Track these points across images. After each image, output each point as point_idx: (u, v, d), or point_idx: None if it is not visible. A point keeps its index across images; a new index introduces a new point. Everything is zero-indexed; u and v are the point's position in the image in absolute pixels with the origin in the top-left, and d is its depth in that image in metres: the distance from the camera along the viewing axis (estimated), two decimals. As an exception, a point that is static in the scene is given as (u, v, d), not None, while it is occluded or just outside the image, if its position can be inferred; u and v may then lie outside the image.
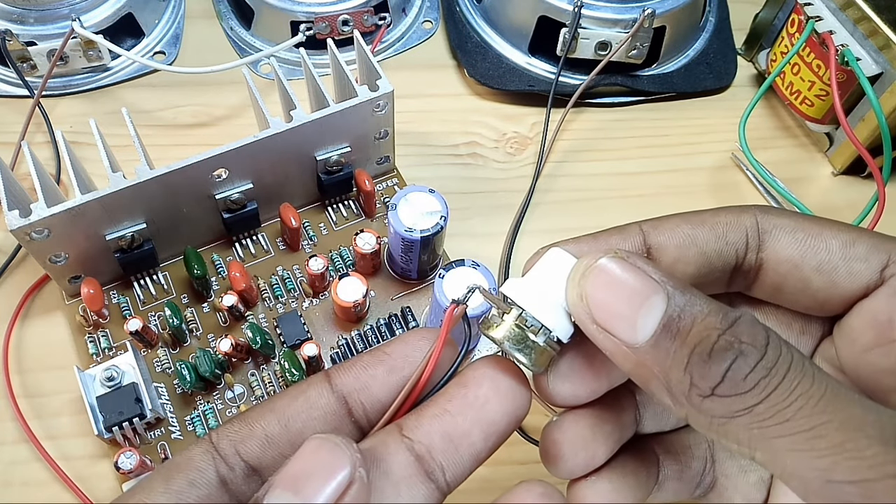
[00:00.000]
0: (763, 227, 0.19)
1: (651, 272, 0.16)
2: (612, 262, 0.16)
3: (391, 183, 0.38)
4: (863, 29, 0.36)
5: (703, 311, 0.15)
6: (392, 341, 0.18)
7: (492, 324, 0.18)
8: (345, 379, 0.17)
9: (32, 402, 0.31)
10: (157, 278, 0.34)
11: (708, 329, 0.15)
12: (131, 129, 0.31)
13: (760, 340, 0.15)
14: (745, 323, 0.15)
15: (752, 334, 0.15)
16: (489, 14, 0.44)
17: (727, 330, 0.15)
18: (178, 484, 0.16)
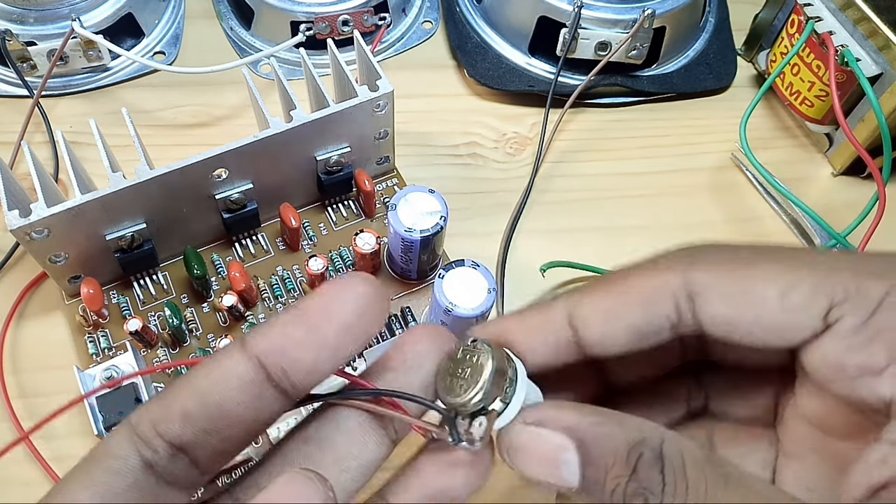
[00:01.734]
0: (691, 288, 0.18)
1: (560, 427, 0.18)
2: (525, 433, 0.18)
3: (391, 183, 0.38)
4: (862, 29, 0.36)
5: (611, 455, 0.17)
6: (310, 296, 0.17)
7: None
8: (260, 344, 0.16)
9: (32, 403, 0.31)
10: (157, 278, 0.34)
11: (617, 477, 0.17)
12: (131, 129, 0.31)
13: (657, 485, 0.16)
14: (645, 465, 0.16)
15: (650, 479, 0.16)
16: (489, 14, 0.44)
17: (631, 476, 0.16)
18: (100, 476, 0.15)
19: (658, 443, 0.17)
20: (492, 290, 0.29)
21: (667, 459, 0.16)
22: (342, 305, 0.16)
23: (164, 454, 0.15)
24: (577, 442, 0.17)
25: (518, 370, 0.19)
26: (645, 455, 0.16)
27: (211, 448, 0.16)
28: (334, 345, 0.16)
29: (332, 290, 0.16)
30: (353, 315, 0.16)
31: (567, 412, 0.18)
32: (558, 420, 0.18)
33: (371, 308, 0.16)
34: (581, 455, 0.17)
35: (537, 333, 0.19)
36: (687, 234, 0.38)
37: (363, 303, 0.16)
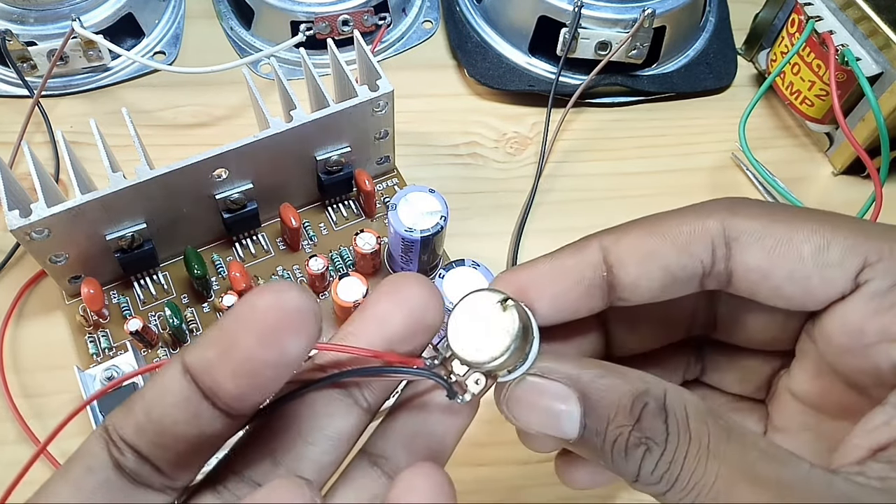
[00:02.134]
0: (730, 233, 0.18)
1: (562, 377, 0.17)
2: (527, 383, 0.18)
3: (391, 183, 0.38)
4: (863, 29, 0.36)
5: (614, 405, 0.17)
6: (230, 311, 0.15)
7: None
8: (192, 358, 0.15)
9: (32, 402, 0.31)
10: (157, 278, 0.34)
11: (619, 427, 0.16)
12: (131, 129, 0.31)
13: (660, 435, 0.16)
14: (649, 415, 0.16)
15: (654, 428, 0.16)
16: (489, 14, 0.44)
17: (634, 425, 0.16)
18: (76, 472, 0.16)
19: (661, 394, 0.17)
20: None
21: (670, 410, 0.16)
22: (246, 331, 0.14)
23: (131, 457, 0.15)
24: (578, 393, 0.17)
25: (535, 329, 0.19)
26: (649, 405, 0.16)
27: (166, 460, 0.15)
28: (247, 372, 0.14)
29: (242, 306, 0.15)
30: (256, 343, 0.14)
31: (568, 363, 0.18)
32: (559, 371, 0.18)
33: (284, 330, 0.14)
34: (583, 406, 0.17)
35: (570, 273, 0.19)
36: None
37: (270, 325, 0.14)
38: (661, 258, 0.18)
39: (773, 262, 0.18)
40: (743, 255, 0.18)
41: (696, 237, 0.18)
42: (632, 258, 0.19)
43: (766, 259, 0.18)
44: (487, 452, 0.31)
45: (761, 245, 0.18)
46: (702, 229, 0.18)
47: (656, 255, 0.18)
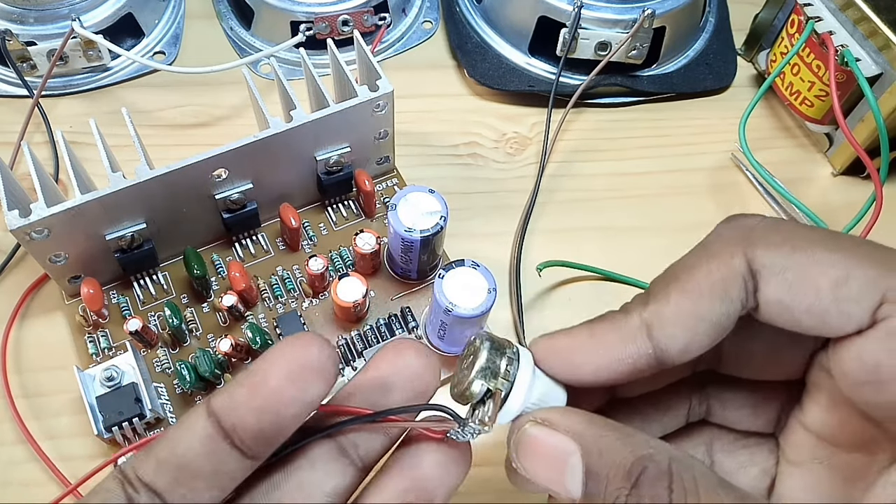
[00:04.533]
0: (754, 267, 0.18)
1: (565, 431, 0.18)
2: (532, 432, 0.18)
3: (391, 183, 0.38)
4: (862, 29, 0.36)
5: (613, 466, 0.17)
6: (261, 356, 0.17)
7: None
8: (217, 401, 0.17)
9: (32, 403, 0.31)
10: (156, 278, 0.34)
11: (617, 489, 0.17)
12: (131, 129, 0.31)
13: (662, 500, 0.16)
14: (648, 480, 0.16)
15: (654, 494, 0.16)
16: (489, 14, 0.44)
17: (631, 489, 0.16)
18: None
19: (665, 459, 0.16)
20: (492, 290, 0.29)
21: (676, 477, 0.16)
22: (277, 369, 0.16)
23: (145, 496, 0.16)
24: (582, 449, 0.17)
25: (521, 354, 0.19)
26: (649, 469, 0.16)
27: (180, 496, 0.16)
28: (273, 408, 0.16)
29: (273, 351, 0.17)
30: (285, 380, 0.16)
31: (576, 418, 0.18)
32: (567, 424, 0.18)
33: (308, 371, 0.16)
34: (584, 463, 0.17)
35: (614, 350, 0.19)
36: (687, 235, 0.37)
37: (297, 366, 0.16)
38: (707, 315, 0.18)
39: (793, 296, 0.18)
40: (765, 289, 0.18)
41: (731, 282, 0.18)
42: (678, 328, 0.18)
43: (786, 293, 0.18)
44: (487, 452, 0.31)
45: (782, 279, 0.18)
46: (733, 272, 0.18)
47: (702, 316, 0.18)
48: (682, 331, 0.18)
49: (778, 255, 0.18)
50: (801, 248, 0.18)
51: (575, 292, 0.35)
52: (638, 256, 0.36)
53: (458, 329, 0.30)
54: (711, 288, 0.18)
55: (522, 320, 0.34)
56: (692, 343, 0.18)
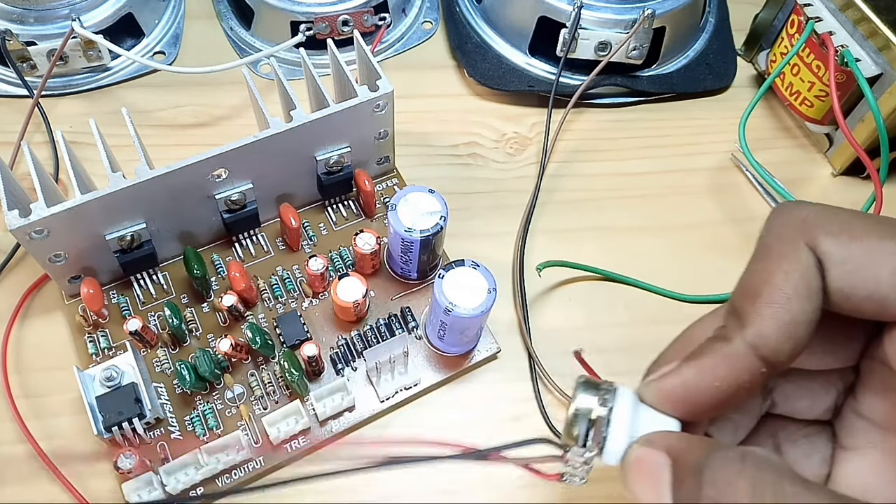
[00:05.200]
0: (820, 258, 0.19)
1: (661, 448, 0.19)
2: (635, 452, 0.19)
3: (391, 183, 0.38)
4: (862, 30, 0.36)
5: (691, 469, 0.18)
6: None
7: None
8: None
9: (32, 402, 0.31)
10: (156, 278, 0.34)
11: (690, 489, 0.17)
12: (131, 129, 0.31)
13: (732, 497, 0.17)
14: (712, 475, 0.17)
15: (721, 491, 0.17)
16: (489, 14, 0.44)
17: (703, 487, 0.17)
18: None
19: (740, 451, 0.17)
20: (492, 290, 0.29)
21: (749, 466, 0.17)
22: None
23: None
24: (671, 461, 0.18)
25: (619, 392, 0.20)
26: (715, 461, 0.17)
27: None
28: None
29: None
30: None
31: (673, 436, 0.19)
32: (663, 441, 0.19)
33: None
34: (672, 474, 0.18)
35: (730, 381, 0.19)
36: (687, 234, 0.38)
37: None
38: (802, 317, 0.19)
39: (854, 284, 0.19)
40: (828, 278, 0.19)
41: (809, 277, 0.19)
42: (783, 340, 0.19)
43: (847, 282, 0.19)
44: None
45: (843, 269, 0.19)
46: (806, 267, 0.19)
47: (799, 320, 0.19)
48: (786, 341, 0.19)
49: (837, 244, 0.19)
50: (858, 236, 0.19)
51: (575, 292, 0.35)
52: (638, 256, 0.36)
53: (458, 329, 0.30)
54: (795, 290, 0.19)
55: (528, 321, 0.34)
56: (797, 346, 0.19)
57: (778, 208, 0.21)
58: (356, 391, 0.31)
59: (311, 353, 0.30)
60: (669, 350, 0.24)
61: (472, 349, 0.32)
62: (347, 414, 0.31)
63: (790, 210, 0.20)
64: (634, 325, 0.34)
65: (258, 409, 0.31)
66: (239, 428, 0.30)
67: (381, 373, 0.31)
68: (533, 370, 0.33)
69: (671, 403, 0.20)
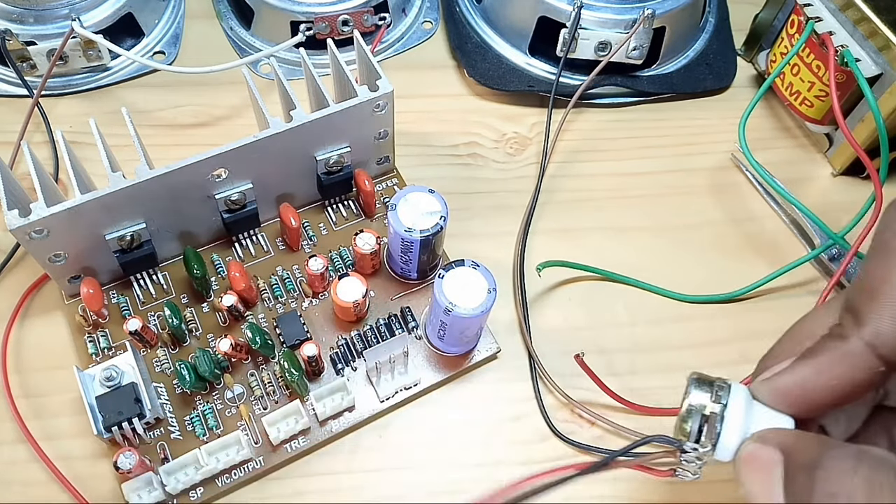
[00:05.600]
0: None
1: (774, 445, 0.19)
2: (749, 448, 0.20)
3: (391, 183, 0.38)
4: (862, 30, 0.36)
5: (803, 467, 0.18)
6: None
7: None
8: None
9: (32, 402, 0.31)
10: (156, 278, 0.34)
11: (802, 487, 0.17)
12: (131, 129, 0.31)
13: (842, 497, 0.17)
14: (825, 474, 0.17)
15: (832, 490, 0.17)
16: (489, 14, 0.44)
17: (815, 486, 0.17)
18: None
19: (850, 455, 0.17)
20: (492, 290, 0.29)
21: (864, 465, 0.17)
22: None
23: None
24: (785, 458, 0.18)
25: (733, 388, 0.21)
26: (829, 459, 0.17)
27: None
28: None
29: None
30: None
31: (786, 433, 0.19)
32: (777, 438, 0.19)
33: None
34: (784, 471, 0.18)
35: (848, 380, 0.19)
36: (687, 234, 0.38)
37: None
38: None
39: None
40: None
41: None
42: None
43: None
44: (487, 452, 0.31)
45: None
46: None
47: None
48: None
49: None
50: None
51: (575, 292, 0.35)
52: (638, 256, 0.36)
53: (458, 329, 0.30)
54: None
55: (528, 321, 0.34)
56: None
57: (892, 203, 0.21)
58: (356, 391, 0.31)
59: (311, 353, 0.30)
60: (780, 346, 0.24)
61: (472, 349, 0.32)
62: (347, 414, 0.31)
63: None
64: (634, 325, 0.34)
65: (258, 409, 0.31)
66: (239, 428, 0.30)
67: (381, 373, 0.31)
68: (533, 369, 0.33)
69: (786, 401, 0.20)
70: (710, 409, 0.20)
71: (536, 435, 0.31)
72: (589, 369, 0.26)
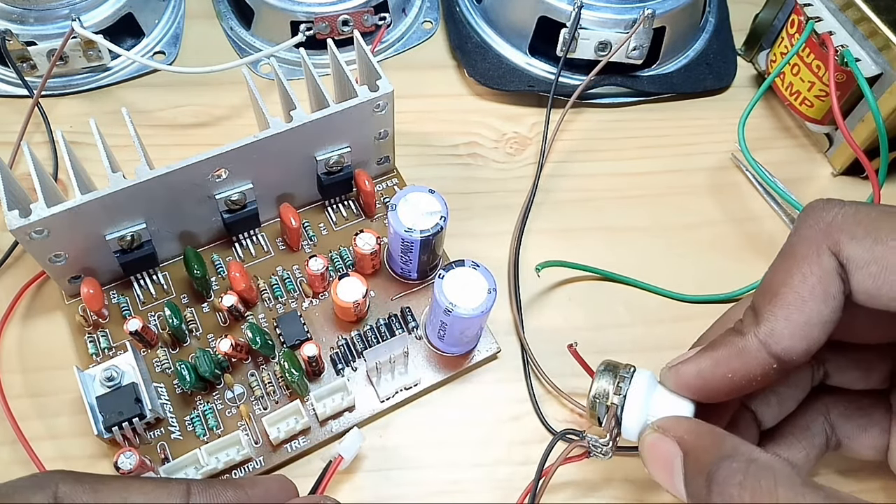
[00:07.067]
0: (843, 262, 0.20)
1: (673, 437, 0.20)
2: (649, 438, 0.21)
3: (391, 183, 0.38)
4: (862, 30, 0.36)
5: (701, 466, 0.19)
6: (257, 482, 0.20)
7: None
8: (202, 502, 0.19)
9: (32, 402, 0.31)
10: (156, 278, 0.34)
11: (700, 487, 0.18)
12: (131, 129, 0.31)
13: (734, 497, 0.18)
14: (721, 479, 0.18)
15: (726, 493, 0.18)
16: (489, 14, 0.44)
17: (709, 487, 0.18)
18: None
19: (744, 460, 0.18)
20: (492, 291, 0.29)
21: (750, 476, 0.17)
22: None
23: None
24: (683, 453, 0.19)
25: (636, 374, 0.23)
26: (722, 469, 0.18)
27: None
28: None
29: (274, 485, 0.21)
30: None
31: (685, 425, 0.20)
32: (676, 430, 0.20)
33: None
34: (684, 465, 0.19)
35: (741, 373, 0.20)
36: (687, 234, 0.38)
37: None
38: (816, 319, 0.20)
39: (879, 286, 0.19)
40: (853, 280, 0.20)
41: (828, 281, 0.20)
42: (794, 339, 0.20)
43: (872, 284, 0.19)
44: (487, 452, 0.31)
45: (867, 272, 0.19)
46: (826, 271, 0.20)
47: (812, 321, 0.20)
48: (798, 341, 0.20)
49: (861, 248, 0.19)
50: (882, 239, 0.19)
51: (574, 292, 0.35)
52: (638, 256, 0.36)
53: (458, 329, 0.30)
54: (811, 293, 0.20)
55: (522, 320, 0.34)
56: (811, 346, 0.20)
57: (807, 207, 0.22)
58: (356, 391, 0.31)
59: (311, 353, 0.30)
60: (709, 331, 0.25)
61: (472, 349, 0.33)
62: (347, 414, 0.31)
63: (818, 211, 0.21)
64: (634, 325, 0.34)
65: (258, 409, 0.31)
66: (239, 428, 0.30)
67: (381, 373, 0.31)
68: (526, 364, 0.33)
69: (688, 389, 0.21)
70: (613, 396, 0.22)
71: (536, 435, 0.31)
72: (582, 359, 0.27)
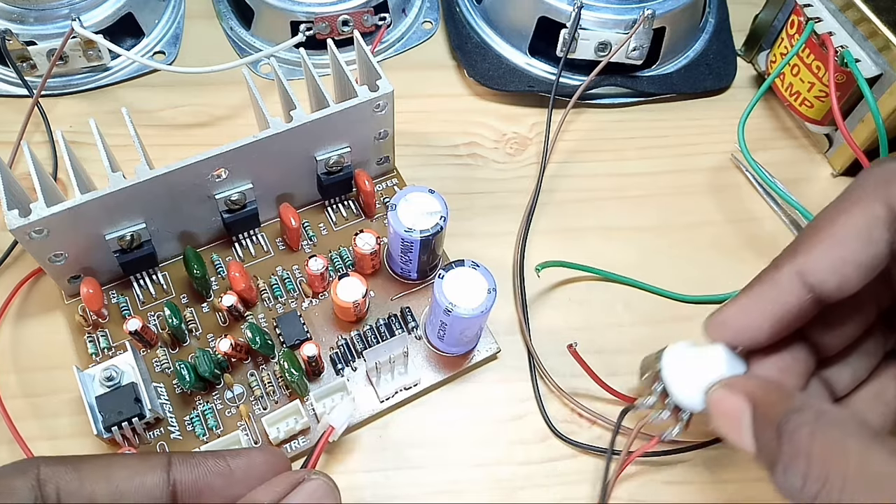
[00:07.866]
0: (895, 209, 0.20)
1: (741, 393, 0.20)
2: (716, 394, 0.21)
3: (391, 183, 0.38)
4: (862, 30, 0.36)
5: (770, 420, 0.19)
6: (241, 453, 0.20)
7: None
8: (183, 474, 0.18)
9: (32, 402, 0.31)
10: (156, 278, 0.34)
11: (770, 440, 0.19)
12: (131, 128, 0.31)
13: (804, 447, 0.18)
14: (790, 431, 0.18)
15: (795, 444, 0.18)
16: (489, 14, 0.44)
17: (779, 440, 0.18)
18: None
19: (812, 413, 0.18)
20: (492, 291, 0.29)
21: (819, 427, 0.18)
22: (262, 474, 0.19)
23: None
24: (752, 408, 0.20)
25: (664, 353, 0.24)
26: (792, 420, 0.18)
27: None
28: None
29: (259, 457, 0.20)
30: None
31: (752, 382, 0.21)
32: (743, 387, 0.20)
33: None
34: (753, 420, 0.19)
35: (776, 303, 0.21)
36: (687, 234, 0.38)
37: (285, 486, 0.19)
38: (852, 258, 0.20)
39: None
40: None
41: (872, 226, 0.20)
42: (827, 273, 0.20)
43: None
44: (487, 452, 0.31)
45: None
46: (873, 217, 0.20)
47: (847, 259, 0.20)
48: (831, 275, 0.20)
49: None
50: None
51: (574, 292, 0.35)
52: (638, 256, 0.36)
53: (458, 329, 0.30)
54: (853, 233, 0.20)
55: (528, 321, 0.34)
56: (844, 283, 0.20)
57: (875, 162, 0.22)
58: (356, 391, 0.31)
59: (310, 353, 0.30)
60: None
61: (472, 349, 0.32)
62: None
63: (882, 163, 0.21)
64: (634, 325, 0.34)
65: (258, 409, 0.31)
66: (239, 428, 0.30)
67: (381, 373, 0.31)
68: (532, 368, 0.33)
69: (728, 331, 0.22)
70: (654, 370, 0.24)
71: (536, 435, 0.31)
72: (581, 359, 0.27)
